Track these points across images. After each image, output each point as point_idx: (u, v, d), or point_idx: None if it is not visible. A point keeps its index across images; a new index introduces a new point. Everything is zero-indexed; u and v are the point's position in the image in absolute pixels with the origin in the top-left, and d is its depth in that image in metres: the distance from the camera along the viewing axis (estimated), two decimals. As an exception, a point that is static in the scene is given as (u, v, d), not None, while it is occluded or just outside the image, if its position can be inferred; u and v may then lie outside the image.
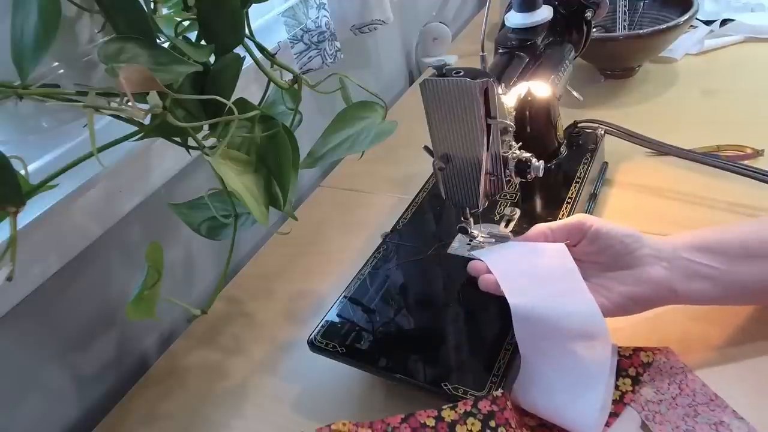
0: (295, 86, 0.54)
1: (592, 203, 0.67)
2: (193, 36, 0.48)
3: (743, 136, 0.71)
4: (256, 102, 0.52)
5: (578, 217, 0.49)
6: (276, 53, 0.55)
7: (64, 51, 0.44)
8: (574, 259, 0.48)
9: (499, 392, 0.44)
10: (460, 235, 0.59)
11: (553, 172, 0.66)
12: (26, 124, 0.48)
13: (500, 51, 0.60)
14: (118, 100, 0.40)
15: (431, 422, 0.44)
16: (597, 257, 0.48)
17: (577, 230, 0.48)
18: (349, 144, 0.55)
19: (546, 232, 0.50)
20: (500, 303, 0.55)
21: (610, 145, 0.72)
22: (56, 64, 0.45)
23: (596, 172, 0.69)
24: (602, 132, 0.70)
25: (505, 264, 0.49)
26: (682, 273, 0.46)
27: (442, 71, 0.46)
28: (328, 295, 0.65)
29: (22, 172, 0.39)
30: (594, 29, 0.66)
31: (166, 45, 0.43)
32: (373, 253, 0.61)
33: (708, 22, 0.99)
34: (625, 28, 0.94)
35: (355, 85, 0.58)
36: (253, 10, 0.50)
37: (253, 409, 0.56)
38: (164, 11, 0.48)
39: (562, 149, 0.69)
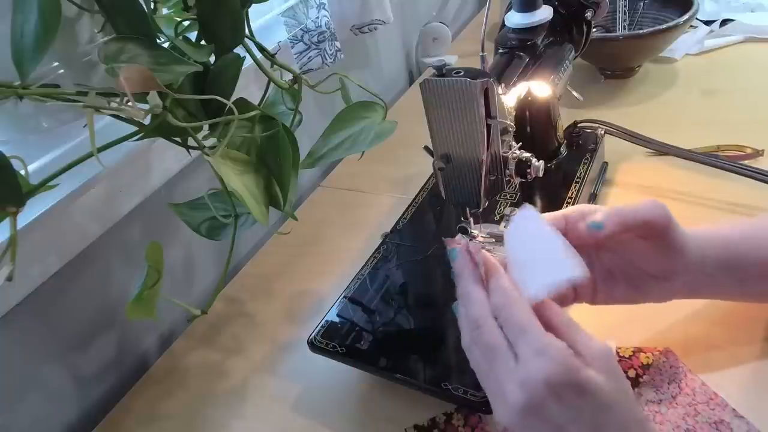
0: (295, 86, 0.54)
1: (592, 203, 0.67)
2: (193, 36, 0.48)
3: (743, 136, 0.71)
4: (256, 102, 0.52)
5: (662, 216, 0.41)
6: (276, 53, 0.55)
7: (64, 51, 0.44)
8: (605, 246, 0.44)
9: None
10: (460, 235, 0.59)
11: (553, 172, 0.66)
12: (26, 124, 0.48)
13: (500, 51, 0.60)
14: (118, 100, 0.40)
15: None
16: (635, 256, 0.43)
17: (651, 231, 0.41)
18: (349, 144, 0.55)
19: (617, 217, 0.41)
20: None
21: (610, 145, 0.72)
22: (56, 64, 0.45)
23: (596, 172, 0.69)
24: (602, 132, 0.70)
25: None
26: (697, 287, 0.45)
27: (442, 71, 0.46)
28: (328, 295, 0.65)
29: (22, 172, 0.39)
30: (594, 29, 0.66)
31: (166, 45, 0.43)
32: (373, 253, 0.61)
33: (708, 22, 0.99)
34: (625, 28, 0.94)
35: (355, 85, 0.58)
36: (253, 10, 0.50)
37: (253, 409, 0.56)
38: (164, 11, 0.48)
39: (562, 149, 0.69)
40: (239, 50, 0.47)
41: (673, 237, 0.42)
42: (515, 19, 0.59)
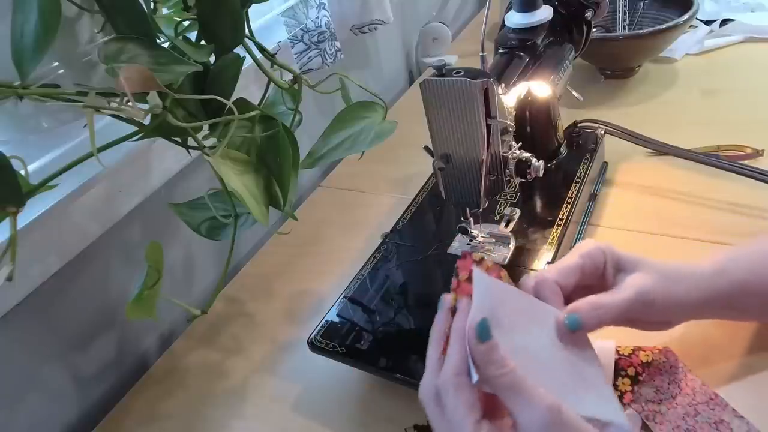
0: (295, 86, 0.54)
1: (592, 203, 0.67)
2: (193, 36, 0.48)
3: (743, 136, 0.71)
4: (256, 102, 0.52)
5: (641, 309, 0.40)
6: (276, 53, 0.55)
7: (64, 51, 0.44)
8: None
9: None
10: (460, 235, 0.59)
11: (553, 172, 0.66)
12: (26, 124, 0.48)
13: (500, 51, 0.60)
14: (118, 100, 0.40)
15: None
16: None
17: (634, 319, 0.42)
18: (349, 144, 0.55)
19: (596, 316, 0.40)
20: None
21: (610, 145, 0.72)
22: (56, 64, 0.45)
23: (596, 172, 0.69)
24: (602, 132, 0.70)
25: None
26: (698, 318, 0.45)
27: (442, 71, 0.46)
28: (328, 295, 0.65)
29: (22, 172, 0.39)
30: (594, 29, 0.66)
31: (166, 45, 0.43)
32: (373, 253, 0.61)
33: (708, 22, 0.99)
34: (625, 28, 0.94)
35: (355, 85, 0.58)
36: (253, 10, 0.50)
37: (253, 409, 0.56)
38: (164, 11, 0.48)
39: (562, 149, 0.69)
40: (239, 50, 0.47)
41: (660, 310, 0.42)
42: (515, 19, 0.59)
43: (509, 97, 0.55)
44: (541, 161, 0.52)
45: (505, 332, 0.37)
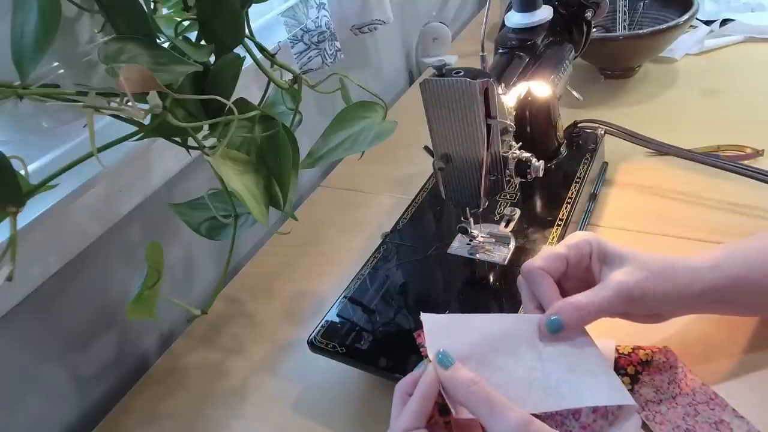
0: (295, 86, 0.54)
1: (592, 203, 0.67)
2: (193, 36, 0.48)
3: (743, 136, 0.71)
4: (256, 102, 0.52)
5: (623, 302, 0.41)
6: (276, 53, 0.55)
7: (64, 51, 0.44)
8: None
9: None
10: (460, 235, 0.59)
11: (553, 172, 0.66)
12: (26, 124, 0.48)
13: (500, 51, 0.60)
14: (118, 100, 0.40)
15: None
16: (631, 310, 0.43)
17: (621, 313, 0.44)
18: (349, 144, 0.55)
19: (578, 315, 0.41)
20: (500, 303, 0.55)
21: (610, 145, 0.72)
22: (56, 64, 0.45)
23: (596, 172, 0.69)
24: (602, 132, 0.70)
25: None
26: (693, 312, 0.46)
27: (442, 71, 0.46)
28: (328, 295, 0.65)
29: (22, 172, 0.39)
30: (594, 29, 0.66)
31: (166, 45, 0.43)
32: (373, 253, 0.61)
33: (708, 22, 0.99)
34: (625, 28, 0.94)
35: (355, 85, 0.58)
36: (253, 10, 0.50)
37: (253, 409, 0.56)
38: (164, 11, 0.48)
39: (562, 149, 0.69)
40: (239, 50, 0.47)
41: (646, 305, 0.42)
42: (515, 19, 0.59)
43: (509, 97, 0.55)
44: (541, 161, 0.52)
45: (474, 361, 0.38)
